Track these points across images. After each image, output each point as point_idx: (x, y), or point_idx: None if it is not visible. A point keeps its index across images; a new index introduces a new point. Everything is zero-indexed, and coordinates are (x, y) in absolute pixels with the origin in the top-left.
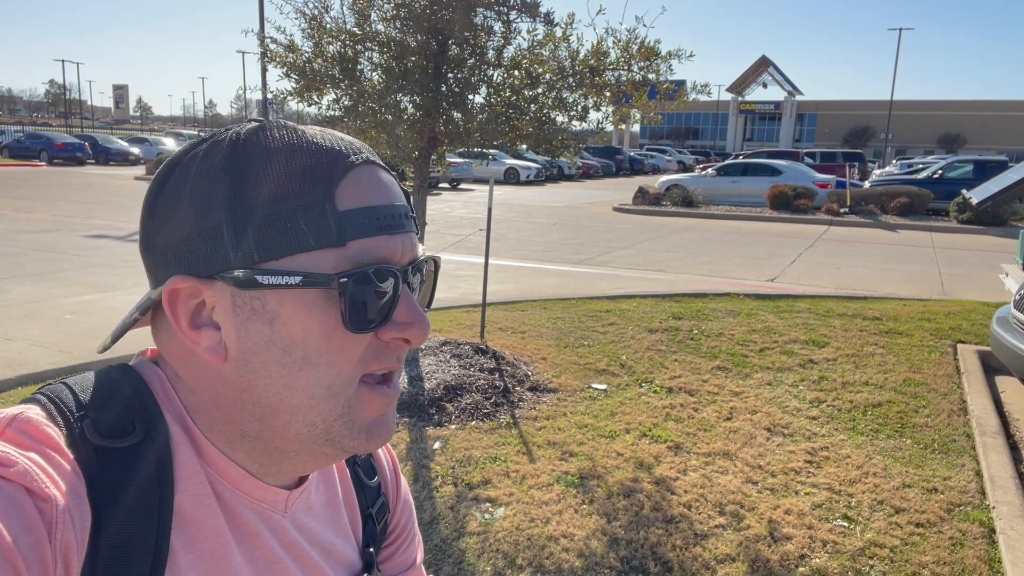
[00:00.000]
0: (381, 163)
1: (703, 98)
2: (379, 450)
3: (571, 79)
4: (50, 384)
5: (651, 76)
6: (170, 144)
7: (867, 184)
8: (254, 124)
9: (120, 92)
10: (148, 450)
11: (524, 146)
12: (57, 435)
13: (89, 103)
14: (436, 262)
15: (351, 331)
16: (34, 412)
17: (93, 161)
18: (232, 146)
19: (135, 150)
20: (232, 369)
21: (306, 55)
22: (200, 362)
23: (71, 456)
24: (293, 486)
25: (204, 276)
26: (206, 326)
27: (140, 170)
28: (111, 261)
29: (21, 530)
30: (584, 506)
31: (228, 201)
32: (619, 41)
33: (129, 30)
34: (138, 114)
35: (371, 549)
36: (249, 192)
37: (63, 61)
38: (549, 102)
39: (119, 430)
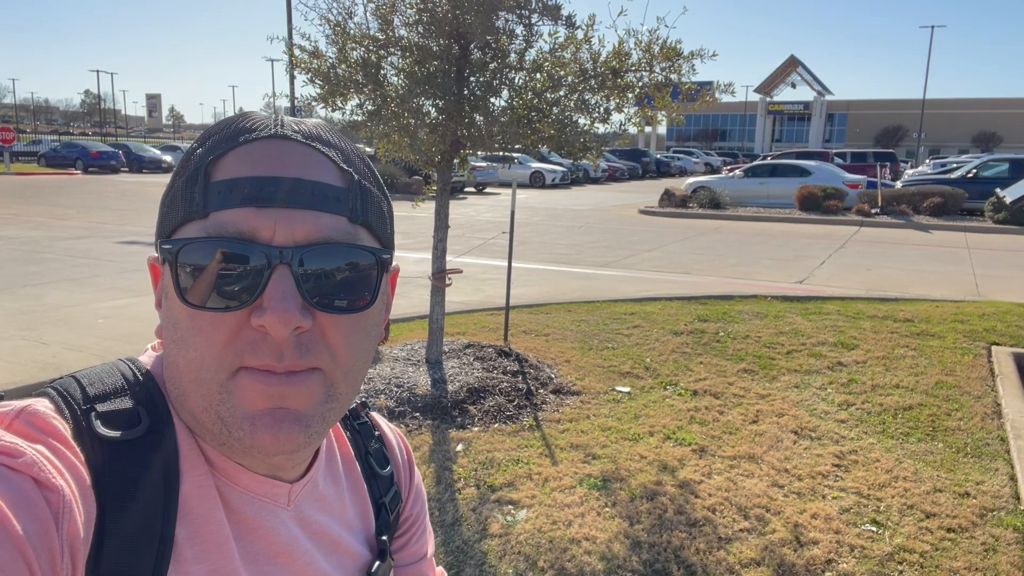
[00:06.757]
0: (305, 140)
1: (729, 99)
2: (392, 439)
3: (593, 81)
4: (61, 378)
5: (673, 77)
6: None
7: (899, 184)
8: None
9: (153, 101)
10: (153, 442)
11: (546, 148)
12: (64, 427)
13: (123, 112)
14: (380, 259)
15: (181, 303)
16: (42, 405)
17: (127, 169)
18: None
19: (167, 158)
20: (162, 347)
21: (330, 61)
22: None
23: (77, 448)
24: (296, 478)
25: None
26: (162, 305)
27: None
28: (144, 266)
29: (29, 520)
30: (607, 509)
31: (169, 183)
32: (640, 42)
33: (162, 40)
34: (171, 123)
35: (384, 538)
36: (178, 174)
37: (98, 71)
38: (571, 104)
39: (125, 422)
